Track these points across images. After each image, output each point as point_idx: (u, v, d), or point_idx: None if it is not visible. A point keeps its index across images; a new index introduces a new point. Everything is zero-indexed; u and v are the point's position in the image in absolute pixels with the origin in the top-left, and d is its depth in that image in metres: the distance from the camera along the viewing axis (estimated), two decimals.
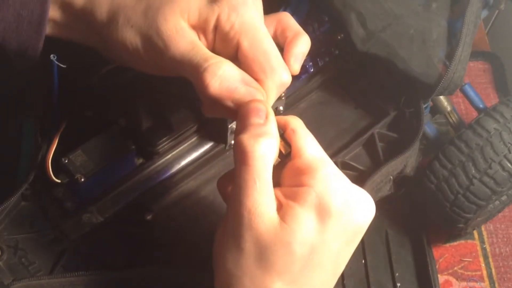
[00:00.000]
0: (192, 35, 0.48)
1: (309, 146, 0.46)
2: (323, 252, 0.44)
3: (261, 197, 0.43)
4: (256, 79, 0.48)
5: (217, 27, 0.48)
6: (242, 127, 0.45)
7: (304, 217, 0.43)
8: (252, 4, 0.48)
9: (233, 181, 0.45)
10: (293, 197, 0.44)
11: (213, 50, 0.49)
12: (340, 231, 0.44)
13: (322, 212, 0.43)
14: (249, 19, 0.48)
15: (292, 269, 0.43)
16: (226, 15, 0.47)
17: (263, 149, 0.43)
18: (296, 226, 0.42)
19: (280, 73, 0.48)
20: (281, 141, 0.46)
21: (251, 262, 0.43)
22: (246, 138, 0.44)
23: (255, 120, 0.45)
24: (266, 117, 0.45)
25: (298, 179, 0.44)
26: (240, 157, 0.44)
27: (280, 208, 0.44)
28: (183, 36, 0.47)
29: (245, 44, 0.47)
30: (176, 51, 0.47)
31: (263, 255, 0.43)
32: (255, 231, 0.43)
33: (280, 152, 0.46)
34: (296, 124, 0.47)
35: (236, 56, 0.48)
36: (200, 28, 0.49)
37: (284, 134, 0.47)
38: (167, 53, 0.48)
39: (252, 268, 0.43)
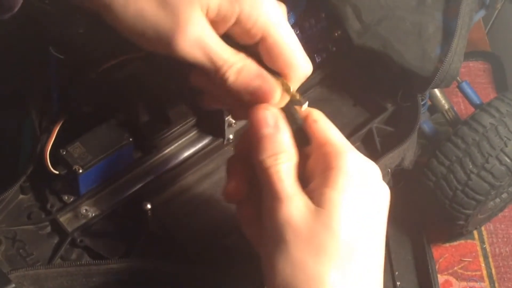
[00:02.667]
0: (213, 32, 0.46)
1: (333, 133, 0.47)
2: (366, 234, 0.44)
3: (294, 200, 0.44)
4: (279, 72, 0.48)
5: (236, 24, 0.47)
6: (256, 138, 0.46)
7: (339, 199, 0.43)
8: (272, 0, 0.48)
9: (263, 198, 0.46)
10: (324, 184, 0.44)
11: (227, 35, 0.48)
12: (374, 209, 0.45)
13: (355, 193, 0.44)
14: (271, 16, 0.47)
15: (341, 254, 0.43)
16: (248, 13, 0.46)
17: (285, 169, 0.44)
18: (333, 209, 0.43)
19: (306, 68, 0.48)
20: (300, 133, 0.47)
21: (303, 254, 0.43)
22: (265, 158, 0.45)
23: (266, 130, 0.45)
24: (277, 125, 0.46)
25: (325, 164, 0.45)
26: (265, 178, 0.45)
27: (313, 199, 0.44)
28: (208, 36, 0.46)
29: (270, 42, 0.47)
30: (200, 52, 0.45)
31: (311, 244, 0.43)
32: (295, 223, 0.43)
33: (301, 143, 0.47)
34: (317, 114, 0.48)
35: (252, 45, 0.48)
36: (215, 22, 0.47)
37: (303, 124, 0.47)
38: (191, 53, 0.46)
39: (304, 260, 0.43)
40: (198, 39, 0.45)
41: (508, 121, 0.75)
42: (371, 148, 0.72)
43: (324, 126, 0.47)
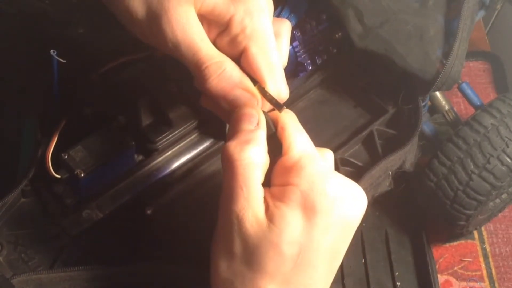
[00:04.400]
0: (201, 27, 0.47)
1: (297, 143, 0.45)
2: (313, 251, 0.44)
3: (249, 203, 0.43)
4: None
5: (227, 27, 0.47)
6: (233, 131, 0.45)
7: (290, 216, 0.43)
8: (268, 13, 0.48)
9: (221, 188, 0.45)
10: (280, 197, 0.44)
11: (213, 44, 0.48)
12: (328, 228, 0.44)
13: (308, 211, 0.43)
14: (262, 27, 0.47)
15: (283, 270, 0.43)
16: (240, 18, 0.47)
17: (249, 157, 0.43)
18: (283, 226, 0.43)
19: (281, 90, 0.48)
20: (274, 140, 0.46)
21: (242, 265, 0.43)
22: (233, 145, 0.44)
23: (246, 126, 0.45)
24: (258, 123, 0.45)
25: (285, 178, 0.44)
26: (227, 165, 0.44)
27: (267, 209, 0.44)
28: (193, 27, 0.46)
29: (252, 51, 0.47)
30: (182, 41, 0.46)
31: (253, 257, 0.43)
32: (244, 235, 0.43)
33: (274, 151, 0.46)
34: (286, 121, 0.47)
35: (237, 57, 0.48)
36: (207, 21, 0.48)
37: (276, 132, 0.47)
38: (173, 39, 0.46)
39: (243, 271, 0.44)
40: (183, 27, 0.46)
41: (509, 121, 0.75)
42: (372, 151, 0.72)
43: (291, 135, 0.46)
